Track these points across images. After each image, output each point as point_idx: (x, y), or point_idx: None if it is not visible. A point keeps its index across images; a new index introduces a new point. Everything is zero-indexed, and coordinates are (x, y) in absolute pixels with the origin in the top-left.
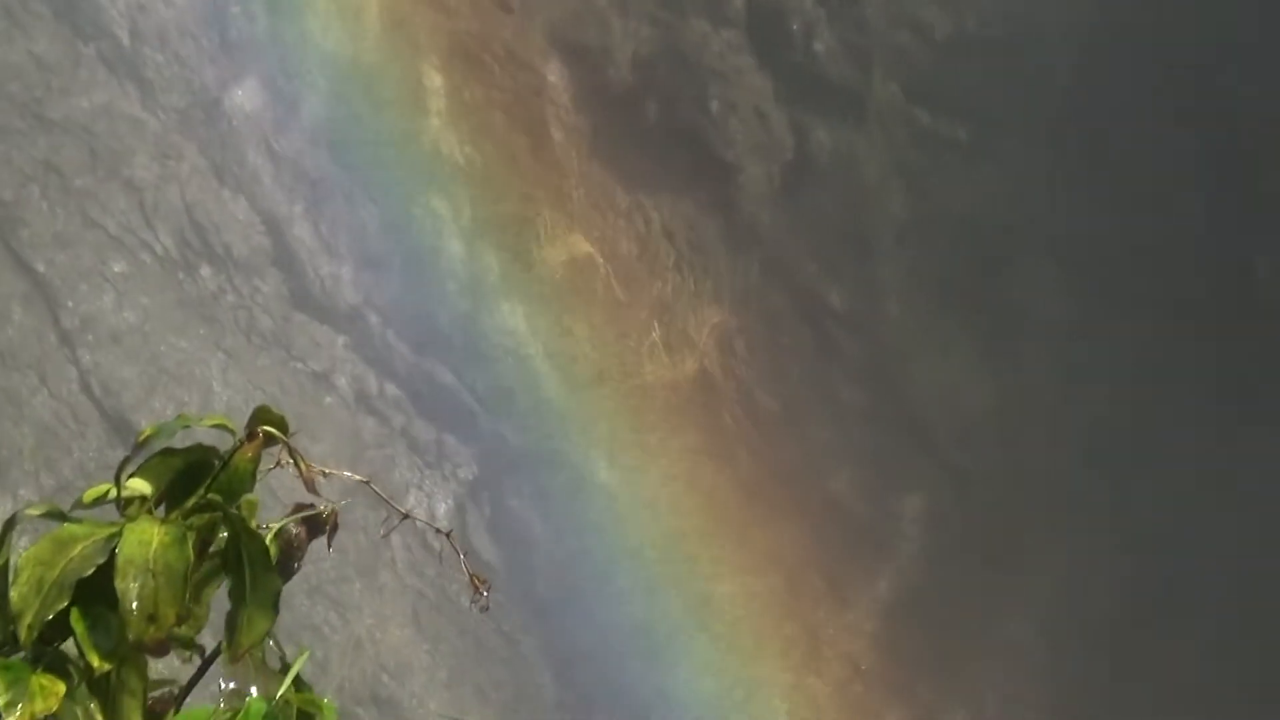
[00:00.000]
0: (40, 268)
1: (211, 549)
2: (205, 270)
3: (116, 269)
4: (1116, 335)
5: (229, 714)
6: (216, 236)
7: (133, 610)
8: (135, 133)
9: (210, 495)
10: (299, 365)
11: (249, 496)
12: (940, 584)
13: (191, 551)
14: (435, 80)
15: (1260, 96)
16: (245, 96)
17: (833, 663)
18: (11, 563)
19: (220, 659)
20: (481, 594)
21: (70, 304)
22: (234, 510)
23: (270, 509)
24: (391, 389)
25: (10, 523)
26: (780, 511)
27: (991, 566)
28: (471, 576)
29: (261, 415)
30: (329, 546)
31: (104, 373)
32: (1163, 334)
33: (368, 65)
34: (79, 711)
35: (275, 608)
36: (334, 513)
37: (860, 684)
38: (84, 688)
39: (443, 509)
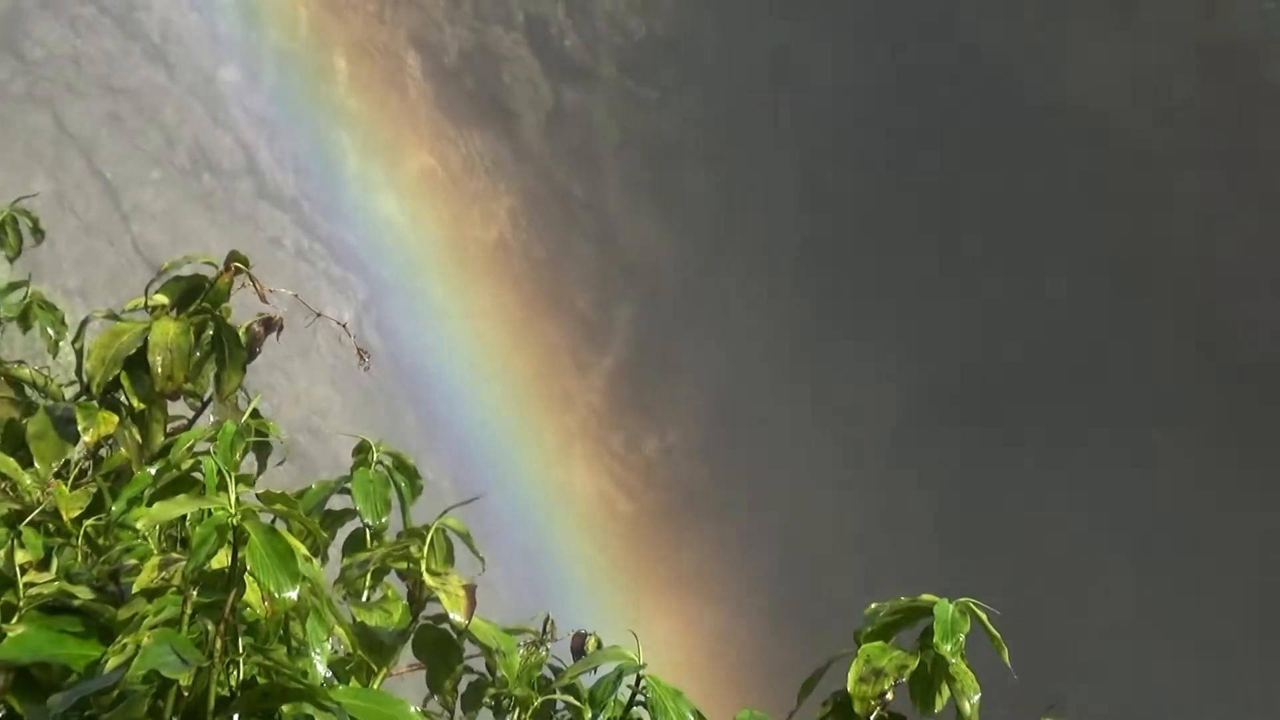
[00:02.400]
0: (108, 174)
1: (205, 338)
2: (206, 176)
3: (154, 175)
4: (752, 206)
5: (214, 431)
6: (212, 156)
7: (158, 373)
8: (163, 95)
9: (203, 304)
10: (262, 233)
11: (226, 305)
12: (640, 359)
13: (193, 338)
14: (340, 63)
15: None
16: (229, 73)
17: (579, 408)
18: (85, 346)
19: (210, 404)
20: (365, 360)
21: (127, 196)
22: (218, 313)
23: (244, 317)
24: (317, 246)
25: (85, 321)
26: (546, 317)
27: (672, 349)
28: (358, 349)
29: (232, 255)
30: (278, 338)
31: (147, 238)
32: (777, 209)
33: (301, 54)
34: (126, 434)
35: (243, 370)
36: (280, 319)
37: (595, 420)
38: (129, 419)
39: (347, 316)
